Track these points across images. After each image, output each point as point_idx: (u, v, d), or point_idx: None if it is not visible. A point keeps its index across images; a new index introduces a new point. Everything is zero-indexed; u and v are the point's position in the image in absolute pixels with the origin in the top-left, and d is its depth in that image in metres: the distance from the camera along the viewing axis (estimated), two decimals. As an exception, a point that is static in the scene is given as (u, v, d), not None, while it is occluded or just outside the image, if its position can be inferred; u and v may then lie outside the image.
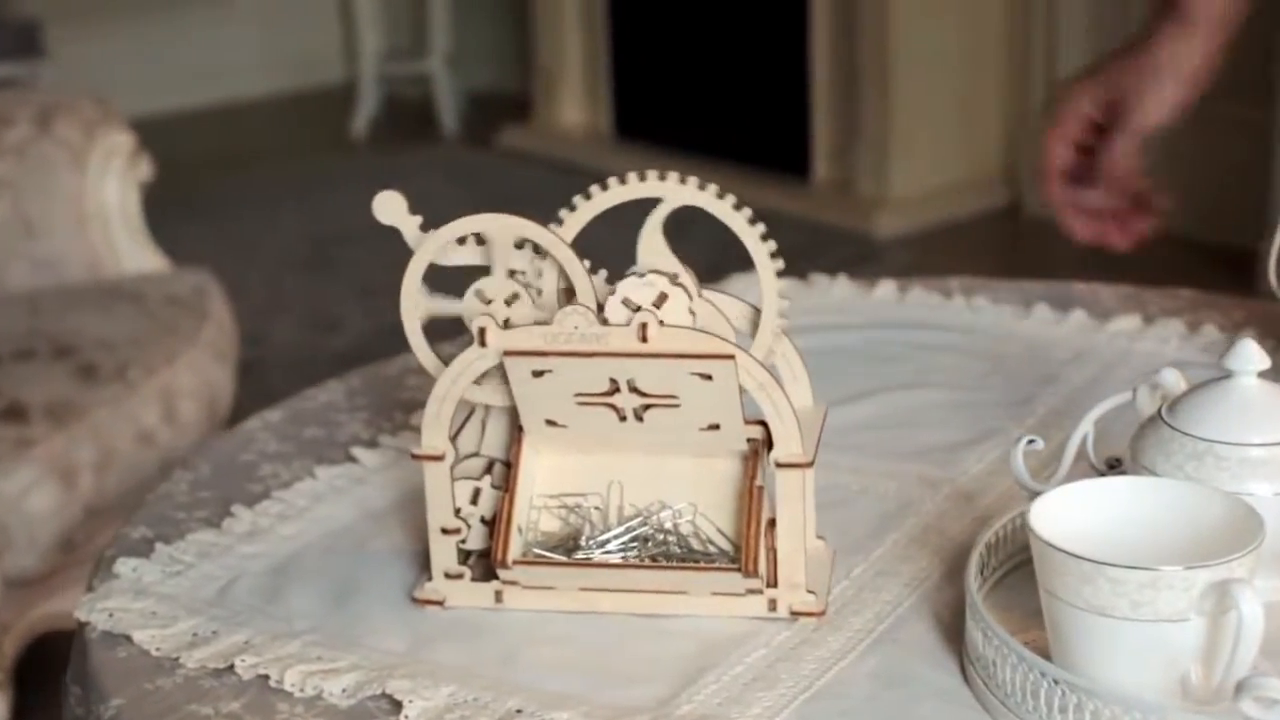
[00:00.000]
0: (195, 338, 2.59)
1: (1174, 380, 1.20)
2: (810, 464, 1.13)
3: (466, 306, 1.16)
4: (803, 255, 4.48)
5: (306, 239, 4.62)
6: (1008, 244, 4.69)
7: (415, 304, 1.17)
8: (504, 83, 5.82)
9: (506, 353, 1.13)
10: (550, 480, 1.17)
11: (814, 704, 1.06)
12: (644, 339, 1.11)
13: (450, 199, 4.95)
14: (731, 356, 1.10)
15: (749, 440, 1.15)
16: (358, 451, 1.40)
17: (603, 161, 5.12)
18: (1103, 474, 1.22)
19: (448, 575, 1.17)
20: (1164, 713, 0.97)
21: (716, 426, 1.13)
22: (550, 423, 1.14)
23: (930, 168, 4.72)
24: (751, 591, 1.13)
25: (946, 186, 4.74)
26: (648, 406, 1.13)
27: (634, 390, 1.13)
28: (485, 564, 1.18)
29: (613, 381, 1.13)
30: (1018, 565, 1.18)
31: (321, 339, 3.98)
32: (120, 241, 2.80)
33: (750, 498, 1.14)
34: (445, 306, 1.18)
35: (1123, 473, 1.22)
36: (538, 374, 1.13)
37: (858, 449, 1.38)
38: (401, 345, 1.22)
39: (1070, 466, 1.20)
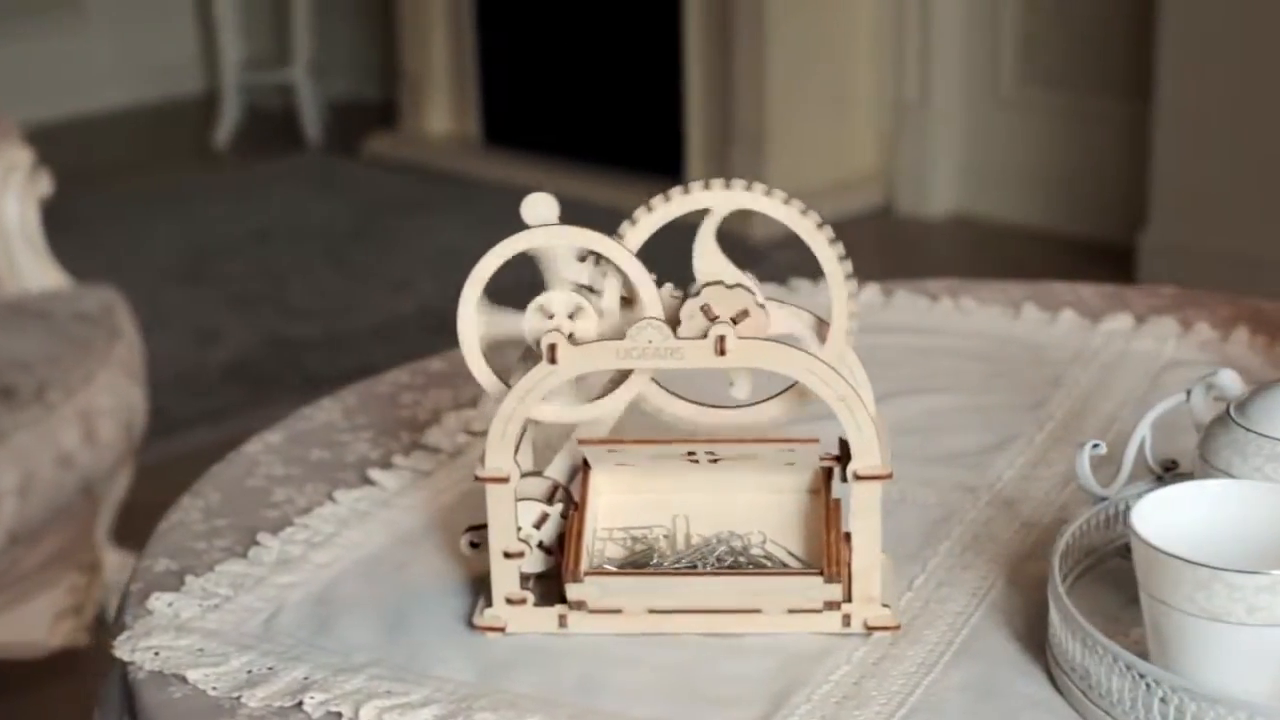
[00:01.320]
0: (109, 356, 2.52)
1: (1230, 381, 1.19)
2: (889, 475, 1.11)
3: (529, 324, 1.13)
4: (676, 258, 4.47)
5: (179, 252, 4.53)
6: (884, 243, 4.71)
7: (474, 322, 1.13)
8: (367, 91, 5.74)
9: (582, 442, 1.13)
10: (613, 514, 1.15)
11: (913, 720, 1.04)
12: (722, 352, 1.09)
13: (319, 208, 4.87)
14: (816, 440, 1.09)
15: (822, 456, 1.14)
16: (375, 474, 1.36)
17: (472, 168, 5.08)
18: (1160, 477, 1.21)
19: (509, 600, 1.13)
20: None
21: (791, 464, 1.11)
22: (622, 465, 1.11)
23: (805, 167, 4.73)
24: (829, 605, 1.11)
25: (822, 186, 4.74)
26: (722, 458, 1.12)
27: (710, 456, 1.13)
28: (544, 588, 1.14)
29: (690, 452, 1.12)
30: (1086, 570, 1.17)
31: (205, 352, 3.90)
32: (22, 259, 2.71)
33: (826, 509, 1.12)
34: (505, 324, 1.14)
35: (1180, 475, 1.21)
36: (613, 449, 1.13)
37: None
38: (293, 356, 1.18)
39: (1130, 471, 1.19)
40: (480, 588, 1.19)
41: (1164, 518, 1.04)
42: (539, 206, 1.12)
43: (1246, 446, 1.11)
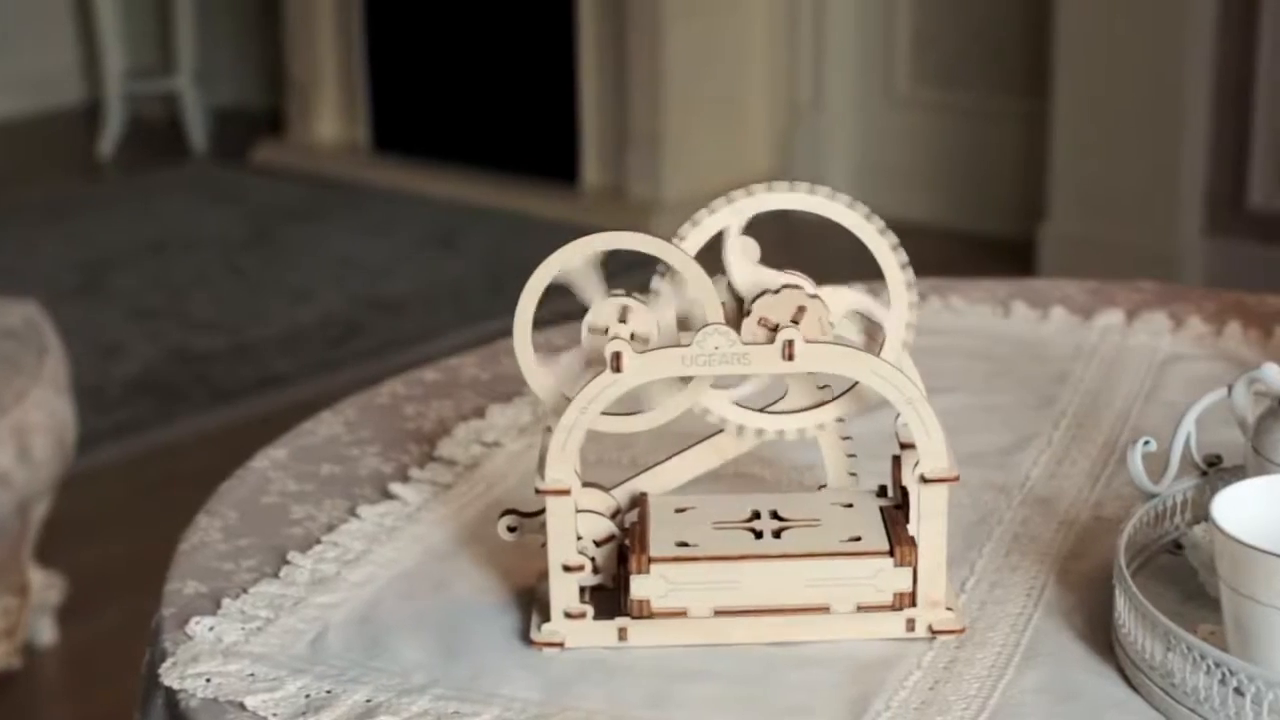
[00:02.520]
0: (39, 372, 2.46)
1: (1275, 376, 1.20)
2: (957, 478, 1.10)
3: (588, 347, 1.10)
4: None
5: (71, 266, 4.44)
6: (781, 243, 4.71)
7: (529, 336, 1.11)
8: (253, 98, 5.67)
9: (645, 497, 1.13)
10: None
11: (996, 725, 1.03)
12: (790, 356, 1.07)
13: (211, 218, 4.80)
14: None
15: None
16: (397, 488, 1.33)
17: (362, 174, 5.03)
18: (1204, 472, 1.21)
19: (568, 615, 1.11)
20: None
21: (858, 538, 1.10)
22: (681, 544, 1.10)
23: (701, 169, 4.73)
24: (898, 600, 1.10)
25: (718, 187, 4.73)
26: (786, 529, 1.11)
27: (775, 517, 1.12)
28: (597, 602, 1.12)
29: (754, 511, 1.12)
30: (1139, 567, 1.17)
31: (107, 367, 3.83)
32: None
33: (894, 508, 1.12)
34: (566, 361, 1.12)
35: (1223, 470, 1.21)
36: (680, 511, 1.12)
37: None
38: (197, 368, 1.16)
39: (1178, 467, 1.19)
40: (526, 602, 1.17)
41: (1242, 512, 1.03)
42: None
43: (1306, 440, 1.11)
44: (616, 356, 1.08)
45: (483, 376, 1.55)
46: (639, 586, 1.09)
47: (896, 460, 1.16)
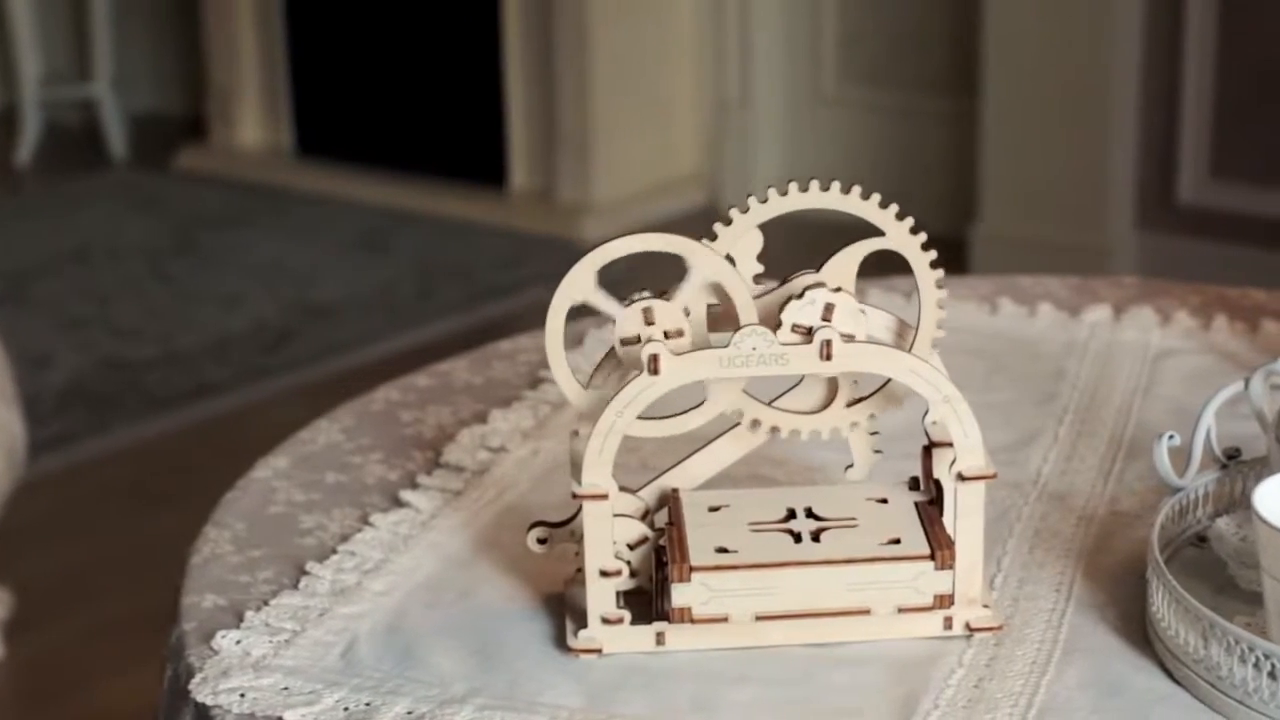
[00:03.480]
0: (-13, 386, 2.42)
1: (1297, 368, 1.20)
2: (994, 475, 1.10)
3: (624, 358, 1.09)
4: (507, 265, 4.44)
5: (-6, 275, 4.38)
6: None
7: (562, 341, 1.10)
8: (172, 104, 5.60)
9: (676, 495, 1.12)
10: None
11: (1047, 721, 1.03)
12: (828, 356, 1.07)
13: (135, 225, 4.74)
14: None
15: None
16: (408, 496, 1.31)
17: (286, 180, 4.99)
18: (1225, 465, 1.22)
19: (605, 620, 1.10)
20: None
21: (897, 541, 1.10)
22: (721, 549, 1.09)
23: (630, 170, 4.72)
24: (938, 601, 1.09)
25: (646, 188, 4.74)
26: (824, 529, 1.10)
27: (811, 515, 1.12)
28: (632, 605, 1.11)
29: (789, 510, 1.12)
30: (1167, 561, 1.17)
31: (38, 377, 3.77)
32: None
33: (928, 504, 1.12)
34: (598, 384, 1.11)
35: (1243, 463, 1.22)
36: (714, 509, 1.12)
37: (908, 457, 1.35)
38: (129, 377, 1.14)
39: (1199, 460, 1.20)
40: (554, 608, 1.16)
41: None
42: None
43: (1334, 431, 1.12)
44: (654, 359, 1.07)
45: (475, 381, 1.54)
46: (680, 595, 1.08)
47: (927, 451, 1.15)
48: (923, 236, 1.13)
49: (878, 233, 1.12)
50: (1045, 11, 4.06)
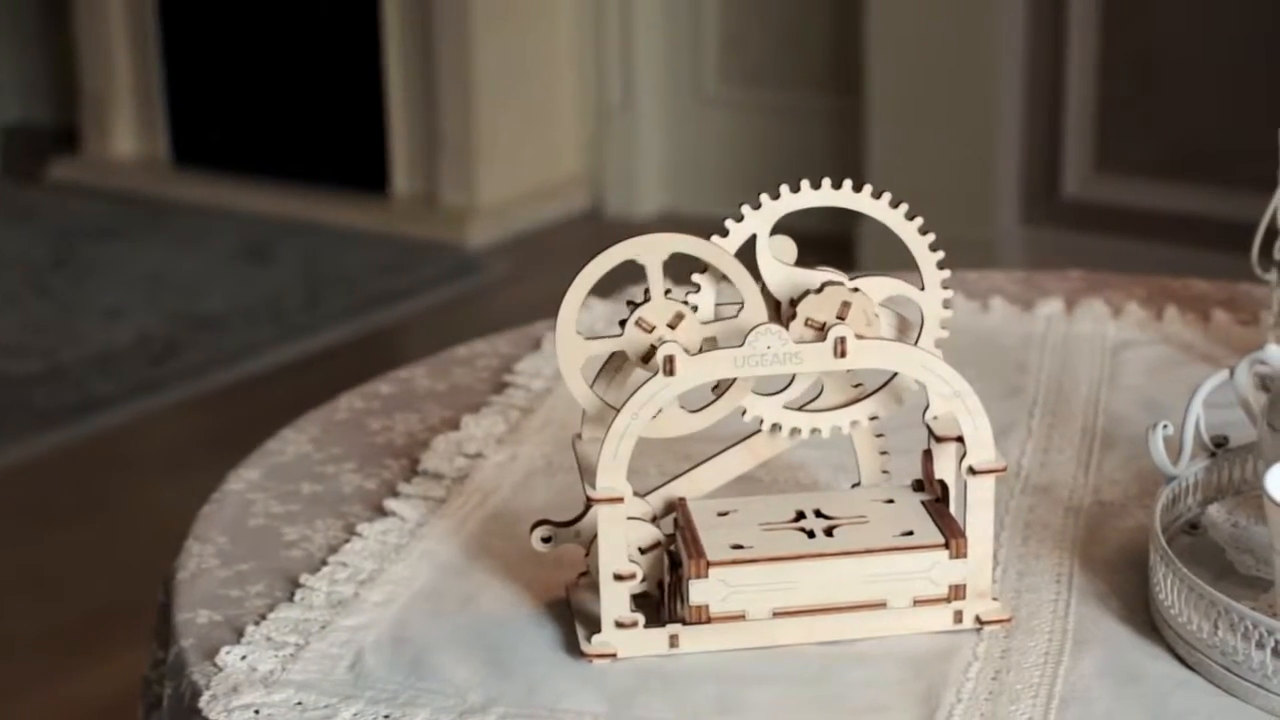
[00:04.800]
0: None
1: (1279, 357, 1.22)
2: (1004, 469, 1.11)
3: (629, 339, 1.09)
4: (392, 271, 4.40)
5: None
6: (593, 245, 4.69)
7: (573, 345, 1.09)
8: (39, 114, 5.50)
9: (683, 501, 1.12)
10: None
11: (1069, 710, 1.04)
12: (842, 354, 1.07)
13: (10, 238, 4.66)
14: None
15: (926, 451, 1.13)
16: (393, 505, 1.30)
17: (164, 190, 4.92)
18: (1213, 454, 1.23)
19: (619, 624, 1.09)
20: None
21: (910, 533, 1.10)
22: (736, 546, 1.09)
23: (514, 174, 4.70)
24: (952, 595, 1.10)
25: (530, 191, 4.73)
26: (836, 526, 1.11)
27: (820, 515, 1.12)
28: (642, 609, 1.11)
29: (798, 511, 1.12)
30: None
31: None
32: None
33: (935, 502, 1.13)
34: (603, 345, 1.10)
35: (1230, 450, 1.24)
36: (723, 514, 1.12)
37: (898, 452, 1.35)
38: (15, 393, 1.13)
39: (1191, 449, 1.21)
40: (558, 613, 1.15)
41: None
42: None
43: (1330, 416, 1.13)
44: (669, 360, 1.06)
45: (438, 388, 1.52)
46: (698, 592, 1.08)
47: (927, 454, 1.16)
48: (930, 237, 1.13)
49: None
50: (927, 8, 4.10)
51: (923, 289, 1.14)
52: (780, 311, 1.11)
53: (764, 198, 1.11)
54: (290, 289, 4.30)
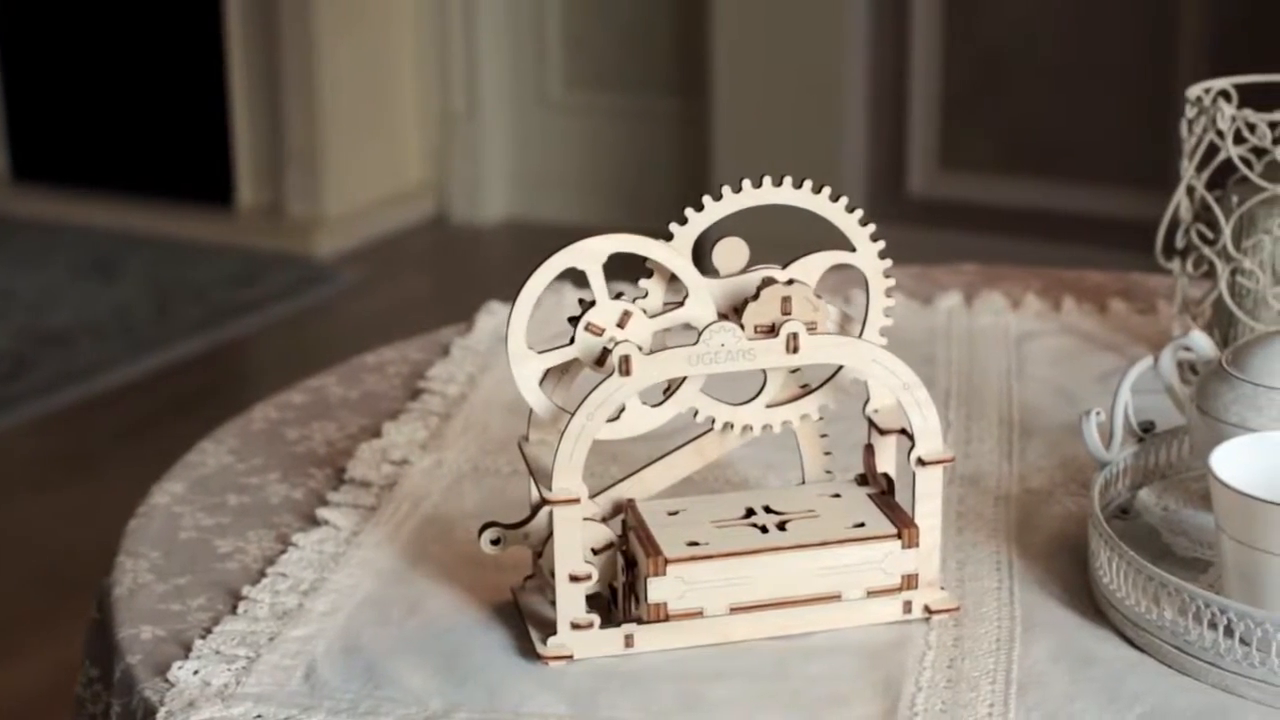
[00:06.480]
0: None
1: (1205, 344, 1.25)
2: (953, 459, 1.12)
3: (581, 346, 1.09)
4: (241, 283, 4.36)
5: None
6: (438, 252, 4.70)
7: (526, 361, 1.09)
8: None
9: (632, 502, 1.12)
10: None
11: (1029, 695, 1.06)
12: (794, 349, 1.08)
13: None
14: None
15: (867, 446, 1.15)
16: (326, 514, 1.28)
17: (4, 206, 4.83)
18: (1141, 439, 1.26)
19: (575, 626, 1.09)
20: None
21: (862, 524, 1.12)
22: (692, 543, 1.09)
23: (361, 183, 4.67)
24: (906, 583, 1.11)
25: (377, 201, 4.70)
26: (788, 521, 1.12)
27: (770, 511, 1.13)
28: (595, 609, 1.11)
29: (748, 508, 1.13)
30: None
31: None
32: None
33: (880, 495, 1.14)
34: (556, 355, 1.10)
35: (1157, 435, 1.26)
36: (673, 514, 1.12)
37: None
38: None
39: (1122, 435, 1.23)
40: (506, 616, 1.15)
41: (1238, 470, 1.08)
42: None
43: (1257, 400, 1.16)
44: (625, 360, 1.06)
45: (351, 396, 1.51)
46: (656, 590, 1.08)
47: (869, 448, 1.17)
48: (871, 227, 1.14)
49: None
50: (772, 9, 4.14)
51: (854, 250, 1.14)
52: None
53: (706, 200, 1.11)
54: (138, 303, 4.24)
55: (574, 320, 1.10)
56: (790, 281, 1.10)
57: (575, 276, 1.12)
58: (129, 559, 1.25)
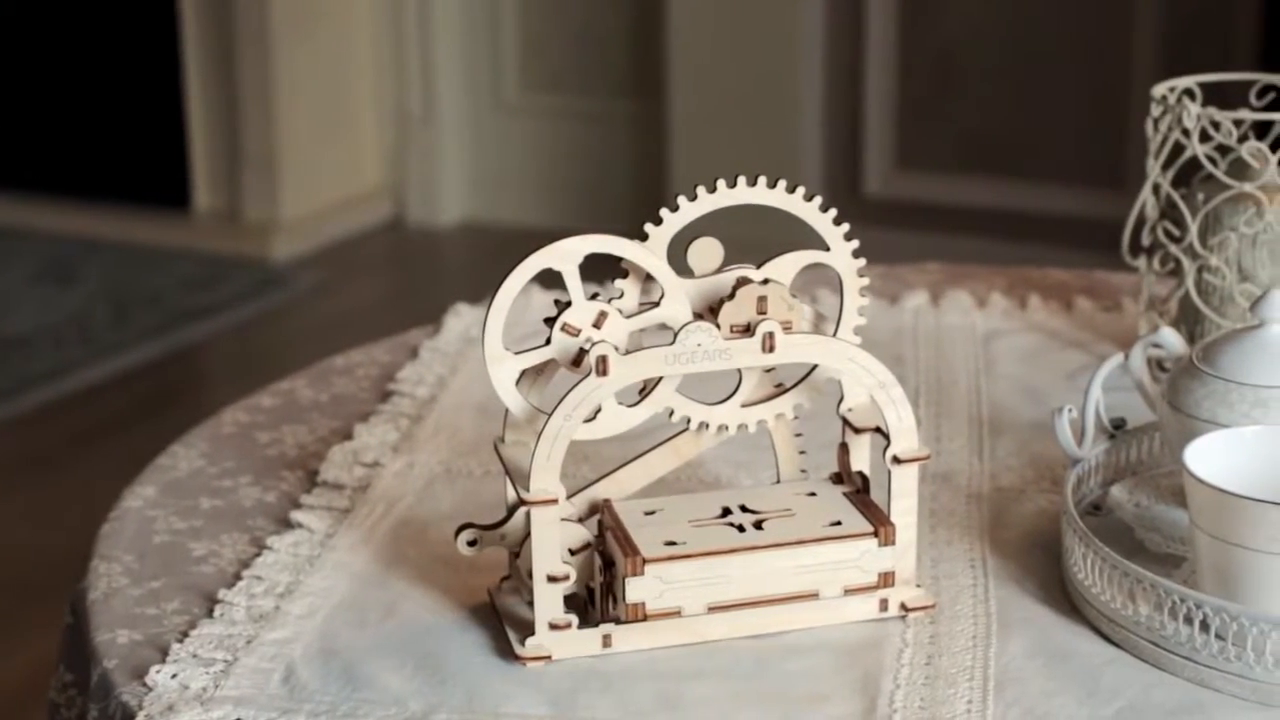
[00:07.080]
0: None
1: (1174, 340, 1.25)
2: (928, 457, 1.13)
3: (557, 346, 1.09)
4: (199, 287, 4.34)
5: None
6: (395, 255, 4.69)
7: (503, 362, 1.09)
8: None
9: (609, 502, 1.13)
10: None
11: (1006, 691, 1.06)
12: (770, 349, 1.08)
13: None
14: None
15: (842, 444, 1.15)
16: (300, 517, 1.28)
17: (-47, 212, 4.80)
18: (1113, 436, 1.26)
19: (553, 626, 1.09)
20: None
21: (839, 523, 1.12)
22: (670, 543, 1.10)
23: (318, 186, 4.66)
24: (883, 581, 1.12)
25: (334, 204, 4.69)
26: (764, 520, 1.12)
27: (746, 510, 1.13)
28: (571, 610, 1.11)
29: (724, 508, 1.13)
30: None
31: None
32: None
33: (855, 493, 1.14)
34: (533, 356, 1.10)
35: (1128, 432, 1.27)
36: (649, 513, 1.12)
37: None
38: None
39: (1094, 432, 1.24)
40: (482, 617, 1.15)
41: (1211, 465, 1.08)
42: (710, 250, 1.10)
43: (1229, 395, 1.17)
44: (602, 360, 1.06)
45: (321, 399, 1.51)
46: (634, 589, 1.09)
47: (843, 447, 1.18)
48: (845, 227, 1.15)
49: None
50: (727, 11, 4.14)
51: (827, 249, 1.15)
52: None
53: (681, 199, 1.11)
54: (96, 309, 4.22)
55: (550, 321, 1.10)
56: (765, 281, 1.10)
57: (541, 278, 1.12)
58: (103, 563, 1.24)
